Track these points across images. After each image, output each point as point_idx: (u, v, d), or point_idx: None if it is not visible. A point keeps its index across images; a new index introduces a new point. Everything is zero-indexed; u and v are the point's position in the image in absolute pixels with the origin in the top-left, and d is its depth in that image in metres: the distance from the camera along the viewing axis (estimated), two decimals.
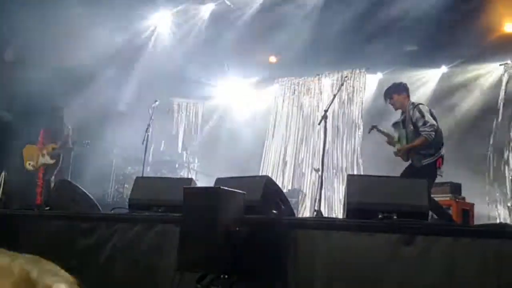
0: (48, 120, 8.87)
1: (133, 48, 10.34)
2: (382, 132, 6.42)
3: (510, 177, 8.65)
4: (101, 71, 9.89)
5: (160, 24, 10.53)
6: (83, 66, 9.30)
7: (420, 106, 5.98)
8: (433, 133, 5.77)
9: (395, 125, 6.28)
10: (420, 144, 5.85)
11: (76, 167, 9.52)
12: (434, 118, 5.91)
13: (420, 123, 5.84)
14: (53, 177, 8.56)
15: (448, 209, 6.58)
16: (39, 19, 8.29)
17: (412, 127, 5.95)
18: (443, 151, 5.87)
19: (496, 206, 8.57)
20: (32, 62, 8.79)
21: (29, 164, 8.67)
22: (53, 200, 5.68)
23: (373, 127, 6.53)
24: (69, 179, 7.49)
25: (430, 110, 5.98)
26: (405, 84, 6.36)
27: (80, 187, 5.72)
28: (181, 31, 10.50)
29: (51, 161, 8.59)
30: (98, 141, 10.24)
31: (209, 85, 12.14)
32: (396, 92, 6.20)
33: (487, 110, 9.13)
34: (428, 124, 5.79)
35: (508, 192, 8.55)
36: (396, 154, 6.18)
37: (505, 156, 8.77)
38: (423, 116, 5.83)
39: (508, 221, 7.98)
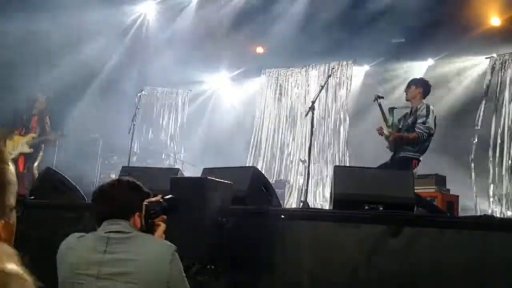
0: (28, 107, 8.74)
1: (118, 35, 10.23)
2: (381, 109, 6.39)
3: (492, 170, 8.74)
4: (87, 57, 9.75)
5: (146, 11, 10.44)
6: (68, 51, 9.17)
7: (431, 108, 6.04)
8: (426, 135, 5.84)
9: (390, 109, 6.30)
10: (411, 138, 5.90)
11: (61, 156, 9.41)
12: (434, 127, 5.97)
13: (420, 120, 5.91)
14: (36, 164, 8.48)
15: (433, 201, 6.63)
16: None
17: (410, 122, 6.01)
18: (421, 158, 5.94)
19: (477, 198, 8.66)
20: (9, 46, 8.62)
21: (9, 153, 8.55)
22: (36, 188, 5.61)
23: (379, 97, 6.46)
24: (53, 168, 7.40)
25: (435, 118, 6.02)
26: (429, 83, 6.39)
27: (65, 175, 5.66)
28: (167, 19, 10.41)
29: (29, 150, 8.49)
30: (84, 130, 10.14)
31: (196, 74, 12.05)
32: (415, 84, 6.29)
33: (473, 102, 9.19)
34: (426, 125, 5.87)
35: (491, 185, 8.65)
36: (386, 138, 6.19)
37: (489, 148, 8.85)
38: (427, 116, 5.90)
39: (490, 213, 8.08)
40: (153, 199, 2.63)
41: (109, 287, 2.22)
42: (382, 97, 6.46)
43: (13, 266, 0.87)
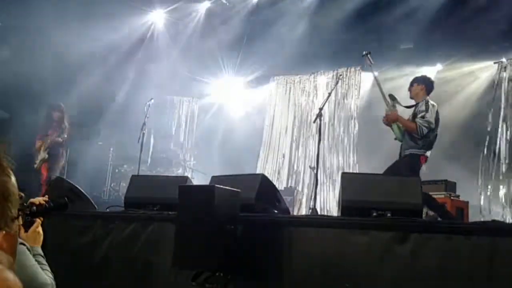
0: (47, 116, 8.81)
1: (129, 45, 10.32)
2: (377, 82, 6.49)
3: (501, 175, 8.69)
4: (97, 68, 9.85)
5: (156, 21, 10.53)
6: (80, 62, 9.27)
7: (431, 103, 6.01)
8: (426, 129, 5.80)
9: (391, 96, 6.30)
10: (409, 126, 5.90)
11: (72, 165, 9.49)
12: (436, 122, 5.94)
13: (420, 115, 5.90)
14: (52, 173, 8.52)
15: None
16: (36, 15, 8.27)
17: (411, 118, 6.02)
18: (428, 153, 5.91)
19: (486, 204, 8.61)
20: (29, 58, 8.74)
21: (35, 163, 8.60)
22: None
23: (367, 53, 6.47)
24: (64, 177, 7.47)
25: (437, 113, 5.98)
26: (432, 80, 6.38)
27: (76, 185, 5.72)
28: (176, 28, 10.50)
29: (47, 156, 8.49)
30: (94, 139, 10.24)
31: (205, 82, 12.13)
32: (417, 82, 6.28)
33: (482, 108, 9.16)
34: (426, 119, 5.83)
35: (500, 190, 8.61)
36: (383, 119, 6.25)
37: (497, 153, 8.81)
38: (426, 111, 5.88)
39: (501, 219, 8.02)
40: (37, 199, 2.83)
41: None
42: (369, 53, 6.45)
43: None
